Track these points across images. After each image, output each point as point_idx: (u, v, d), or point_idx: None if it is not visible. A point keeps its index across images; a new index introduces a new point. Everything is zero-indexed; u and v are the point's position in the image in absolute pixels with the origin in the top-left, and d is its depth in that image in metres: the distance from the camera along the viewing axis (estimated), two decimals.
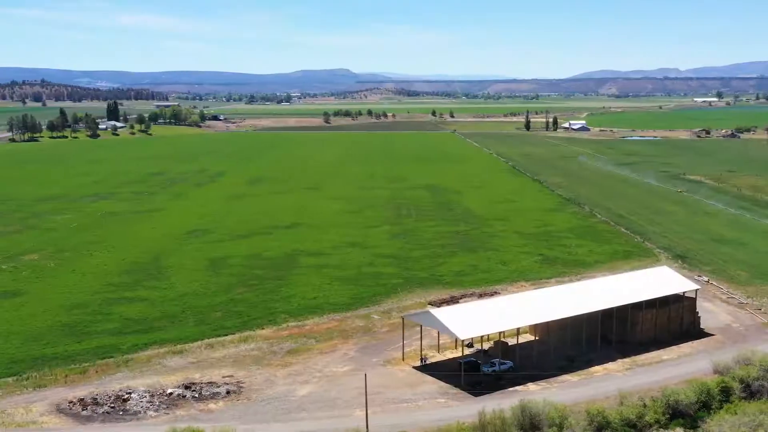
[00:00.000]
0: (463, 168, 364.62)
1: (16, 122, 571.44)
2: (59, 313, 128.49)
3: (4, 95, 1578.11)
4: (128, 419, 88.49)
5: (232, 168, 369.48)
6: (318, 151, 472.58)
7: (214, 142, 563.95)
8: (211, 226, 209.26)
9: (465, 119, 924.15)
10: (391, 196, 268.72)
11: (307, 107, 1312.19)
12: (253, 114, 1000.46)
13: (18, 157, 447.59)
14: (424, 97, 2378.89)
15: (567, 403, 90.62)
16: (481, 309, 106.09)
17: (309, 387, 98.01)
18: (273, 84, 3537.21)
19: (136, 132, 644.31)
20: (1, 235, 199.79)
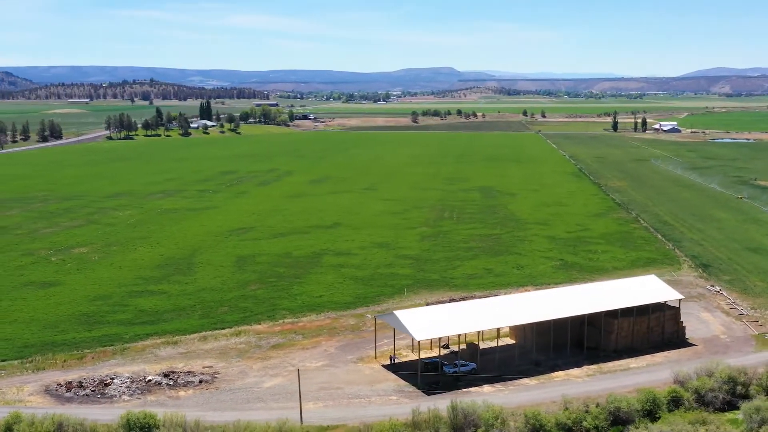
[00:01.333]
0: (529, 170, 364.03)
1: (113, 121, 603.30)
2: (82, 304, 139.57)
3: (115, 94, 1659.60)
4: (103, 402, 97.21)
5: (302, 167, 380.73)
6: (392, 151, 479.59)
7: (296, 142, 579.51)
8: (256, 225, 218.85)
9: (556, 119, 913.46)
10: (443, 197, 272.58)
11: (401, 106, 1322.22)
12: (344, 113, 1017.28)
13: (109, 155, 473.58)
14: (524, 96, 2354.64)
15: (512, 405, 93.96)
16: (448, 311, 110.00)
17: (277, 380, 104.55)
18: (377, 82, 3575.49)
19: (226, 131, 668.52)
20: (64, 228, 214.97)
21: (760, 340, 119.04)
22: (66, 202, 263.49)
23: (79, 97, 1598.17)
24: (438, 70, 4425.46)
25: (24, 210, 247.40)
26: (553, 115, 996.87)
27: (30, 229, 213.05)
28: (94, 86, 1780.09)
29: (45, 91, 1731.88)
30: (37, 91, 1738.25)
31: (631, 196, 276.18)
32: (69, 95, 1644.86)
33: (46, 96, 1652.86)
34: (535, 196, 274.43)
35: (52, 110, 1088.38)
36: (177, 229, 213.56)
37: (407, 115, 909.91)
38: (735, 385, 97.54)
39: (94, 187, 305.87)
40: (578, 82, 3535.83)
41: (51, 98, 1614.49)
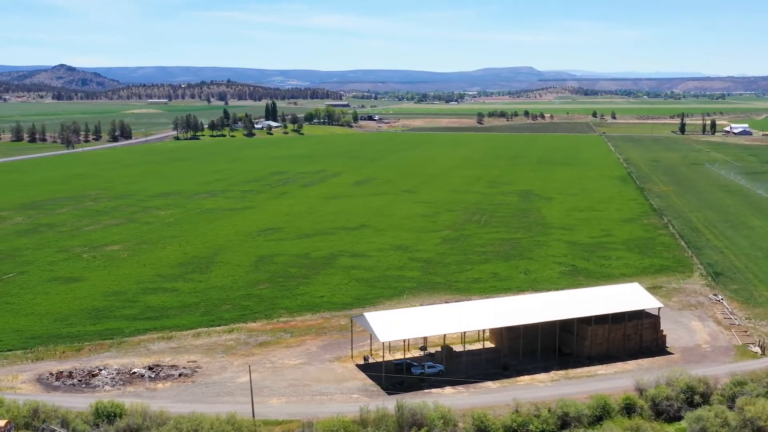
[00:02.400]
0: (577, 173, 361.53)
1: (180, 122, 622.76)
2: (97, 299, 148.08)
3: (193, 94, 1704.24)
4: (86, 391, 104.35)
5: (351, 168, 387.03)
6: (446, 153, 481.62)
7: (355, 143, 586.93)
8: (285, 225, 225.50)
9: (626, 121, 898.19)
10: (479, 200, 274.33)
11: (471, 107, 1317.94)
12: (410, 114, 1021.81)
13: (170, 155, 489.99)
14: (602, 96, 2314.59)
15: (467, 407, 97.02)
16: (418, 314, 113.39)
17: (252, 376, 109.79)
18: (455, 82, 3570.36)
19: (289, 131, 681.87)
20: (105, 226, 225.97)
21: (740, 351, 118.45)
22: (115, 201, 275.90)
23: (159, 98, 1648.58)
24: (517, 69, 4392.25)
25: (74, 208, 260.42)
26: (623, 116, 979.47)
27: (73, 227, 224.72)
28: (173, 87, 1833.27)
29: (127, 91, 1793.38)
30: (119, 92, 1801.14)
31: (671, 201, 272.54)
32: (149, 95, 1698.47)
33: (128, 96, 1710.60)
34: (572, 201, 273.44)
35: (130, 110, 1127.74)
36: (209, 228, 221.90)
37: (473, 116, 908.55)
38: (693, 395, 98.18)
39: (145, 186, 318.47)
40: (662, 81, 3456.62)
41: (132, 98, 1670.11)
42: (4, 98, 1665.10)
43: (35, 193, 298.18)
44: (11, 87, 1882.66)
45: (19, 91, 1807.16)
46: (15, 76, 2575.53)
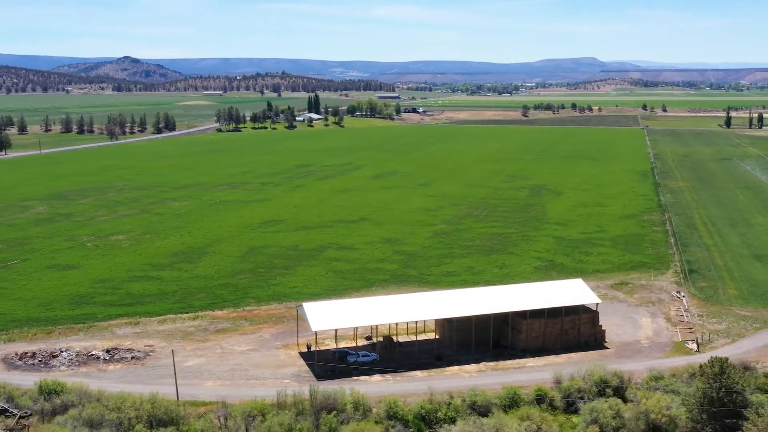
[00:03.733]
0: (599, 168, 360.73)
1: (223, 114, 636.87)
2: (83, 286, 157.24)
3: (248, 86, 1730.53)
4: (42, 371, 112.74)
5: (377, 161, 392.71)
6: (477, 147, 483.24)
7: (391, 136, 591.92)
8: (288, 218, 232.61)
9: (675, 113, 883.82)
10: (488, 195, 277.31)
11: (521, 99, 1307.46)
12: (456, 106, 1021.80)
13: (207, 146, 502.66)
14: (662, 88, 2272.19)
15: (386, 394, 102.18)
16: (355, 305, 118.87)
17: (199, 360, 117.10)
18: (515, 73, 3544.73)
19: (330, 124, 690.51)
20: (118, 217, 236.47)
21: (677, 347, 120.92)
22: (137, 192, 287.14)
23: (215, 89, 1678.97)
24: (579, 60, 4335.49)
25: (96, 198, 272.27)
26: (674, 109, 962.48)
27: (89, 217, 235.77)
28: (229, 79, 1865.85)
29: (184, 83, 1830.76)
30: (177, 84, 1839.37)
31: (682, 197, 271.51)
32: (206, 87, 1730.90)
33: (185, 88, 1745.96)
34: (581, 196, 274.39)
35: (183, 102, 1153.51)
36: (214, 220, 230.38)
37: (519, 109, 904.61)
38: (605, 388, 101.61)
39: (171, 178, 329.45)
40: (729, 72, 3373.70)
41: (189, 90, 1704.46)
42: (67, 90, 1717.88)
43: (66, 183, 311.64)
44: (74, 79, 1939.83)
45: (81, 83, 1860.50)
46: (82, 67, 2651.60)
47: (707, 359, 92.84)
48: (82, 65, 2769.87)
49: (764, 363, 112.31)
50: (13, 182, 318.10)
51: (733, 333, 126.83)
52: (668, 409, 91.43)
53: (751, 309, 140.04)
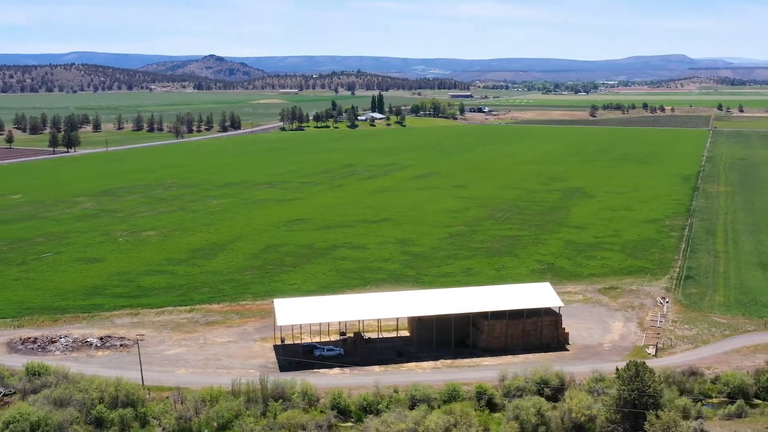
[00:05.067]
0: (645, 171, 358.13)
1: (286, 113, 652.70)
2: (101, 278, 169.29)
3: (323, 85, 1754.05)
4: (39, 354, 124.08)
5: (423, 162, 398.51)
6: (529, 148, 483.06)
7: (449, 136, 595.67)
8: (315, 217, 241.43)
9: (752, 114, 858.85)
10: (519, 197, 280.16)
11: (596, 98, 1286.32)
12: (523, 106, 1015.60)
13: (266, 145, 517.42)
14: (750, 86, 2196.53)
15: (339, 385, 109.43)
16: (324, 302, 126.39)
17: (180, 349, 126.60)
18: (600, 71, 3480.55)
19: (392, 123, 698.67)
20: (157, 214, 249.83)
21: (637, 351, 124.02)
22: (183, 190, 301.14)
23: (291, 88, 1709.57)
24: (668, 57, 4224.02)
25: (142, 195, 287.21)
26: (752, 109, 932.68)
27: (129, 213, 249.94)
28: (305, 77, 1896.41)
29: (262, 82, 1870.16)
30: (255, 82, 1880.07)
31: (716, 202, 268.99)
32: (282, 86, 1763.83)
33: (263, 87, 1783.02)
34: (612, 199, 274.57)
35: (257, 100, 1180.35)
36: (244, 218, 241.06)
37: (587, 109, 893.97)
38: (544, 387, 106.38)
39: (218, 176, 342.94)
40: None
41: (267, 89, 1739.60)
42: (151, 88, 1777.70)
43: (119, 180, 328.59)
44: (158, 77, 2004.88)
45: (165, 82, 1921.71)
46: (170, 65, 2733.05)
47: (625, 363, 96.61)
48: (170, 63, 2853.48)
49: (716, 369, 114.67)
50: (72, 179, 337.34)
51: (699, 339, 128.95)
52: (588, 409, 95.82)
53: (729, 317, 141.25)
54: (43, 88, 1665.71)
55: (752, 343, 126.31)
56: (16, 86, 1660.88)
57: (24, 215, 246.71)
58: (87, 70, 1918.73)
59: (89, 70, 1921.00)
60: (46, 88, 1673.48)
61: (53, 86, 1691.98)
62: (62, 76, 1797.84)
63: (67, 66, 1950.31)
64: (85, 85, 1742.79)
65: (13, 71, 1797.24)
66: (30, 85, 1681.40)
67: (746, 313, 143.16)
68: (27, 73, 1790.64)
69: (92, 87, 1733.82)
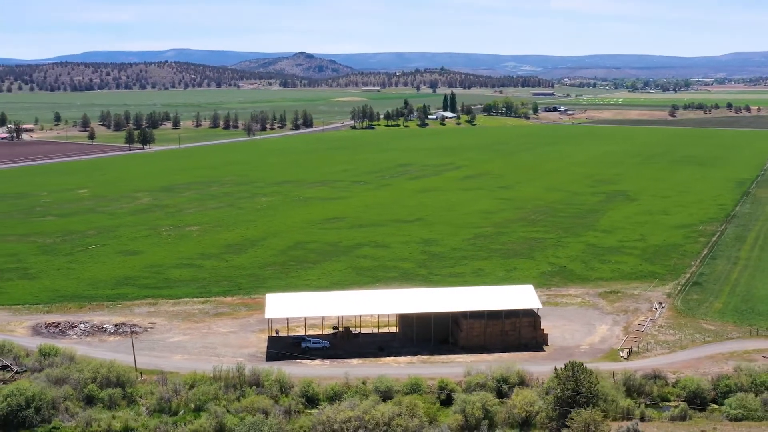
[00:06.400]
0: (701, 174, 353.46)
1: (357, 112, 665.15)
2: (135, 269, 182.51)
3: (406, 82, 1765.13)
4: (57, 337, 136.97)
5: (477, 162, 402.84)
6: (590, 149, 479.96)
7: (513, 135, 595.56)
8: (351, 216, 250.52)
9: None
10: (560, 199, 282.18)
11: (682, 97, 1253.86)
12: (601, 105, 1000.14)
13: (333, 143, 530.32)
14: None
15: (315, 376, 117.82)
16: (315, 298, 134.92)
17: (183, 337, 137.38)
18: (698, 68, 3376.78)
19: (462, 122, 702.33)
20: (204, 210, 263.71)
21: (610, 354, 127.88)
22: (237, 187, 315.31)
23: (374, 85, 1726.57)
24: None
25: (197, 192, 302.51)
26: None
27: (179, 209, 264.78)
28: (388, 74, 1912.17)
29: (345, 79, 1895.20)
30: (338, 80, 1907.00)
31: (762, 209, 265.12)
32: (365, 83, 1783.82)
33: (346, 84, 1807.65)
34: (653, 203, 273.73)
35: (338, 98, 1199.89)
36: (285, 215, 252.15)
37: (666, 108, 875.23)
38: (503, 384, 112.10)
39: (275, 174, 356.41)
40: None
41: (350, 86, 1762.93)
42: (238, 85, 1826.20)
43: (180, 177, 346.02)
44: (245, 75, 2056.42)
45: (252, 79, 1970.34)
46: (261, 63, 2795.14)
47: (563, 364, 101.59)
48: (262, 60, 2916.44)
49: (682, 374, 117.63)
50: (136, 175, 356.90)
51: (677, 345, 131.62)
52: (530, 406, 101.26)
53: (719, 323, 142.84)
54: (136, 86, 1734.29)
55: (729, 350, 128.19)
56: (111, 83, 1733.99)
57: (84, 209, 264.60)
58: (179, 67, 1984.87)
59: (181, 67, 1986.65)
60: (140, 85, 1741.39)
61: (146, 83, 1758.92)
62: (156, 74, 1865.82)
63: (160, 64, 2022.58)
64: (177, 83, 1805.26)
65: (110, 69, 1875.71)
66: (125, 83, 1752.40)
67: (738, 320, 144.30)
68: (123, 71, 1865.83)
69: (183, 84, 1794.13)
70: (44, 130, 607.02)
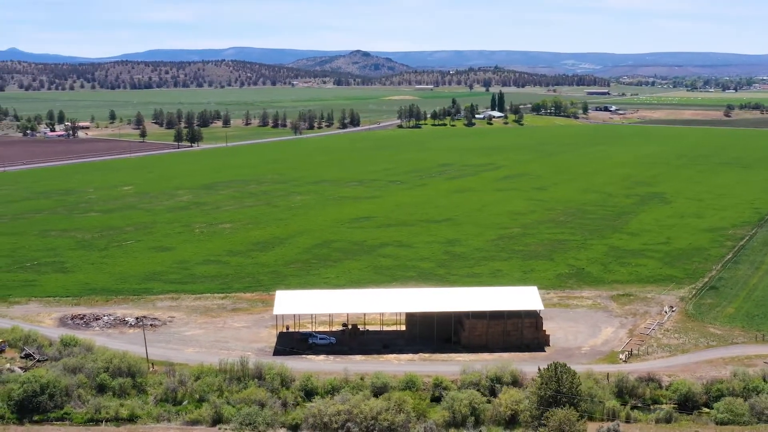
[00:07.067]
0: (742, 177, 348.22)
1: (404, 111, 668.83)
2: (164, 265, 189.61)
3: (459, 81, 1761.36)
4: (81, 329, 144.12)
5: (518, 163, 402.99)
6: (634, 149, 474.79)
7: (562, 135, 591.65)
8: (381, 215, 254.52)
9: None
10: (593, 201, 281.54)
11: (736, 96, 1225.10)
12: (654, 104, 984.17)
13: (377, 142, 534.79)
14: None
15: (317, 371, 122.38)
16: (324, 296, 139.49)
17: (198, 331, 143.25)
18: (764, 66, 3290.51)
19: (510, 122, 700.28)
20: (240, 208, 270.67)
21: (609, 356, 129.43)
22: (274, 185, 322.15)
23: (427, 84, 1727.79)
24: None
25: (235, 190, 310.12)
26: None
27: (216, 206, 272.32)
28: (441, 73, 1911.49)
29: (399, 77, 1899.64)
30: (392, 78, 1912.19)
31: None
32: (419, 81, 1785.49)
33: (399, 82, 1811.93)
34: (688, 206, 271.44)
35: (390, 96, 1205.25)
36: (317, 214, 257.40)
37: (722, 108, 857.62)
38: (496, 383, 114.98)
39: (315, 173, 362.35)
40: None
41: (403, 84, 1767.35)
42: (292, 84, 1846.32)
43: (222, 175, 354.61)
44: (300, 73, 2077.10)
45: (306, 77, 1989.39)
46: (318, 61, 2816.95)
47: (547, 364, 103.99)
48: (319, 59, 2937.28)
49: (677, 377, 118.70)
50: (180, 172, 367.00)
51: (679, 348, 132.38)
52: (516, 404, 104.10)
53: (727, 328, 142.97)
54: (194, 84, 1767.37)
55: (731, 355, 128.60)
56: (170, 82, 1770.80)
57: (126, 206, 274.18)
58: (235, 66, 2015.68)
59: (237, 66, 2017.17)
60: (197, 83, 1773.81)
61: (203, 82, 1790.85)
62: (213, 72, 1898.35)
63: (218, 62, 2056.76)
64: (233, 81, 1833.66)
65: (168, 67, 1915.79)
66: (183, 81, 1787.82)
67: (747, 325, 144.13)
68: (181, 70, 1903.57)
69: (239, 82, 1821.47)
70: (99, 128, 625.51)
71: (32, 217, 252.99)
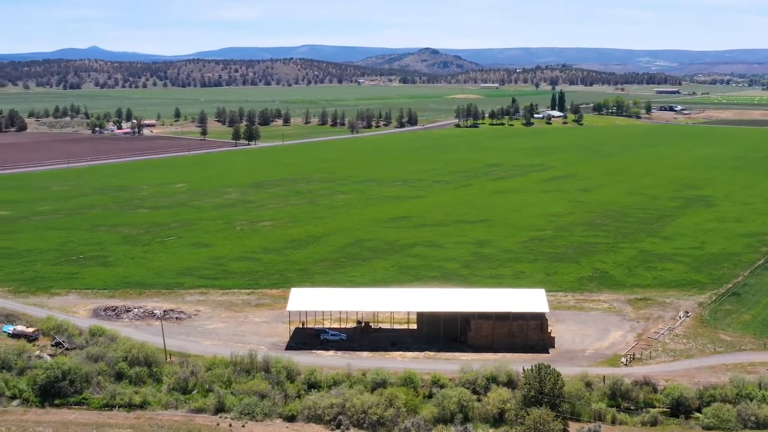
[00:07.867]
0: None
1: (461, 110, 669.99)
2: (200, 260, 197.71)
3: (526, 79, 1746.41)
4: (112, 320, 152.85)
5: (568, 164, 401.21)
6: (692, 150, 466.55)
7: (620, 135, 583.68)
8: (418, 215, 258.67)
9: None
10: (632, 204, 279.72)
11: None
12: (722, 104, 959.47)
13: (432, 142, 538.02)
14: None
15: (322, 365, 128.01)
16: (336, 294, 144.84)
17: (219, 325, 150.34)
18: None
19: (569, 122, 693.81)
20: (283, 205, 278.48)
21: (611, 359, 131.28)
22: (321, 184, 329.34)
23: (493, 82, 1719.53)
24: None
25: (283, 188, 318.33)
26: None
27: (260, 204, 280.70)
28: (508, 71, 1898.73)
29: (464, 76, 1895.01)
30: (457, 76, 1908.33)
31: None
32: (485, 80, 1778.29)
33: (465, 81, 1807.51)
34: (731, 210, 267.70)
35: (453, 95, 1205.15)
36: (356, 213, 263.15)
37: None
38: (491, 382, 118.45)
39: (363, 172, 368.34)
40: None
41: (468, 83, 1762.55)
42: (359, 82, 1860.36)
43: (272, 173, 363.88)
44: (366, 71, 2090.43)
45: (373, 75, 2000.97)
46: (387, 58, 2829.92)
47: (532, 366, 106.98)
48: (388, 56, 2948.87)
49: (675, 382, 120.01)
50: (233, 170, 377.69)
51: (684, 354, 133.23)
52: (502, 404, 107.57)
53: (738, 335, 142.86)
54: (262, 82, 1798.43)
55: (734, 362, 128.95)
56: (239, 80, 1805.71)
57: (176, 203, 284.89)
58: (303, 64, 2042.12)
59: (305, 64, 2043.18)
60: (265, 81, 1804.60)
61: (272, 80, 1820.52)
62: (281, 71, 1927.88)
63: (286, 61, 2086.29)
64: (300, 79, 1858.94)
65: (238, 65, 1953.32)
66: (251, 79, 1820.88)
67: (760, 333, 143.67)
68: (250, 68, 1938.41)
69: (306, 81, 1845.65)
70: (164, 126, 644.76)
71: (86, 212, 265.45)
